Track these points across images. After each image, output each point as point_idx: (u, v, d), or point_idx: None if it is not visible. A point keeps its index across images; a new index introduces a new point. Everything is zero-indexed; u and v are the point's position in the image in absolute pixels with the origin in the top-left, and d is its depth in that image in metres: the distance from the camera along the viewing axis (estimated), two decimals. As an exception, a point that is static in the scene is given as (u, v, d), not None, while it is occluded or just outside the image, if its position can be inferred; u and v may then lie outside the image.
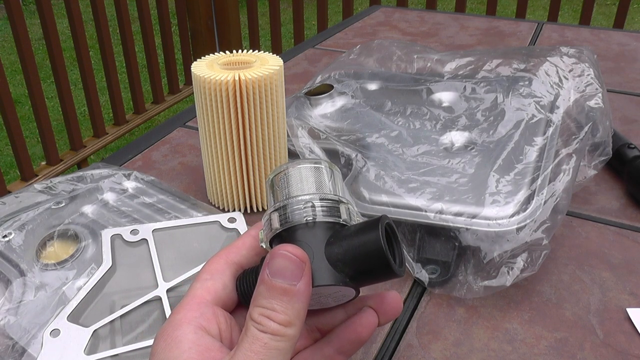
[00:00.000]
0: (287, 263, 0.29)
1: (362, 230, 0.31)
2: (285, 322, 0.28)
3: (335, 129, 0.62)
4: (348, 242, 0.31)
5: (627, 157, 0.61)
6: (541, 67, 0.67)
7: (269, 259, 0.30)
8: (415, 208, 0.49)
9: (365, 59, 0.76)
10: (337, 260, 0.31)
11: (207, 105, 0.52)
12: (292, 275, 0.29)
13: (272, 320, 0.28)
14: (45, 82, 2.77)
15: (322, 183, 0.34)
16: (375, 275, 0.32)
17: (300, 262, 0.29)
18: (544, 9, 3.64)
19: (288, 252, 0.29)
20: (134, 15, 2.10)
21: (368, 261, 0.31)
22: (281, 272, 0.29)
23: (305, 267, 0.29)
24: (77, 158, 1.93)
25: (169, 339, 0.30)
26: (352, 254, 0.31)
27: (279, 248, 0.29)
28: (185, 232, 0.50)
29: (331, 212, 0.32)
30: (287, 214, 0.32)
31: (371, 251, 0.31)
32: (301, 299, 0.29)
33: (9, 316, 0.42)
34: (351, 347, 0.34)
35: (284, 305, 0.28)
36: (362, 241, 0.31)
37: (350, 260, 0.31)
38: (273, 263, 0.29)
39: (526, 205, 0.48)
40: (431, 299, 0.48)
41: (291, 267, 0.29)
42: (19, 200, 0.54)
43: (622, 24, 1.86)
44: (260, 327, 0.28)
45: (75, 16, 1.81)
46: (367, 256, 0.31)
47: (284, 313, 0.28)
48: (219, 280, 0.33)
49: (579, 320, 0.46)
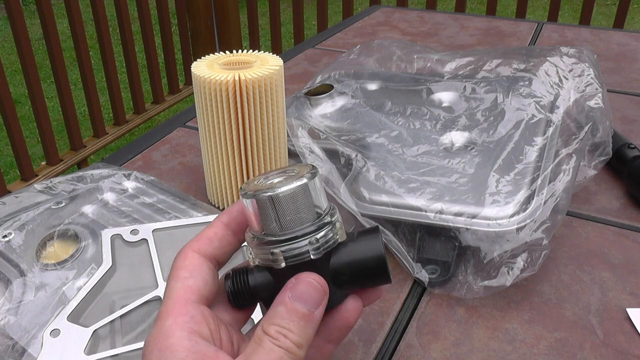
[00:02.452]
0: (312, 291, 0.31)
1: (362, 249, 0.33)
2: (299, 344, 0.30)
3: (335, 129, 0.62)
4: (350, 264, 0.33)
5: (627, 157, 0.61)
6: (541, 67, 0.67)
7: (293, 283, 0.31)
8: (415, 208, 0.49)
9: (365, 59, 0.76)
10: (342, 282, 0.33)
11: (207, 105, 0.52)
12: (313, 303, 0.31)
13: (288, 339, 0.30)
14: (45, 82, 2.77)
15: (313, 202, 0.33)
16: (373, 284, 0.34)
17: (323, 292, 0.31)
18: (544, 9, 3.64)
19: (315, 281, 0.31)
20: (134, 15, 2.10)
21: (369, 275, 0.33)
22: (304, 299, 0.31)
23: (326, 297, 0.32)
24: (77, 158, 1.93)
25: (163, 348, 0.29)
26: (356, 274, 0.33)
27: (306, 275, 0.31)
28: (185, 232, 0.50)
29: (331, 240, 0.33)
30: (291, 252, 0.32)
31: (373, 268, 0.33)
32: (315, 326, 0.31)
33: (9, 316, 0.42)
34: (339, 333, 0.35)
35: (300, 329, 0.30)
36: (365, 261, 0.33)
37: (355, 279, 0.33)
38: (298, 288, 0.31)
39: (526, 205, 0.48)
40: (431, 299, 0.48)
41: (315, 296, 0.31)
42: (19, 200, 0.54)
43: (622, 24, 1.86)
44: (277, 343, 0.30)
45: (75, 16, 1.81)
46: (369, 272, 0.33)
47: (299, 336, 0.30)
48: (199, 277, 0.32)
49: (579, 320, 0.46)
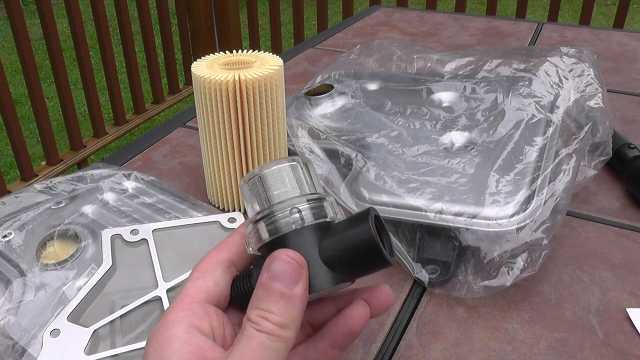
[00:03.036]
0: (286, 267, 0.30)
1: (353, 226, 0.32)
2: (281, 324, 0.29)
3: (335, 129, 0.62)
4: (340, 241, 0.32)
5: (627, 157, 0.61)
6: (541, 67, 0.66)
7: (268, 262, 0.30)
8: (415, 208, 0.49)
9: (365, 59, 0.76)
10: (333, 262, 0.31)
11: (207, 105, 0.52)
12: (290, 279, 0.30)
13: (269, 321, 0.29)
14: (45, 82, 2.77)
15: (301, 181, 0.33)
16: (370, 267, 0.32)
17: (298, 266, 0.30)
18: (544, 9, 3.64)
19: (288, 257, 0.30)
20: (134, 15, 2.10)
21: (362, 256, 0.32)
22: (280, 276, 0.30)
23: (303, 272, 0.30)
24: (77, 158, 1.93)
25: (160, 338, 0.30)
26: (347, 252, 0.31)
27: (279, 252, 0.30)
28: (185, 232, 0.50)
29: (317, 213, 0.32)
30: (274, 223, 0.32)
31: (365, 246, 0.31)
32: (297, 303, 0.30)
33: (9, 316, 0.42)
34: (344, 340, 0.34)
35: (281, 308, 0.29)
36: (355, 238, 0.31)
37: (346, 258, 0.31)
38: (272, 267, 0.30)
39: (526, 205, 0.48)
40: (431, 299, 0.48)
41: (290, 271, 0.30)
42: (19, 200, 0.54)
43: (622, 24, 1.86)
44: (257, 327, 0.29)
45: (75, 16, 1.81)
46: (361, 251, 0.31)
47: (280, 315, 0.29)
48: (210, 278, 0.33)
49: (579, 320, 0.46)
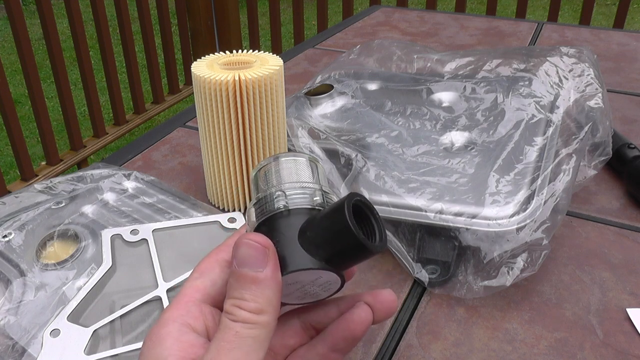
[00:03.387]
0: (251, 251, 0.29)
1: (331, 211, 0.31)
2: (256, 309, 0.28)
3: (335, 129, 0.62)
4: (319, 225, 0.31)
5: (627, 157, 0.61)
6: (541, 67, 0.66)
7: (234, 249, 0.29)
8: (415, 208, 0.49)
9: (365, 59, 0.76)
10: (309, 244, 0.30)
11: (207, 105, 0.52)
12: (257, 263, 0.29)
13: (243, 309, 0.28)
14: (45, 82, 2.77)
15: (300, 174, 0.34)
16: (351, 255, 0.31)
17: (262, 248, 0.29)
18: (544, 9, 3.63)
19: (250, 240, 0.29)
20: (134, 15, 2.10)
21: (339, 241, 0.30)
22: (246, 261, 0.29)
23: (270, 253, 0.29)
24: (77, 158, 1.93)
25: (154, 337, 0.30)
26: (323, 235, 0.30)
27: (242, 237, 0.29)
28: (185, 232, 0.50)
29: (304, 198, 0.32)
30: (262, 206, 0.32)
31: (340, 229, 0.30)
32: (270, 285, 0.29)
33: (9, 316, 0.42)
34: (345, 344, 0.34)
35: (253, 293, 0.29)
36: (331, 221, 0.30)
37: (322, 241, 0.30)
38: (238, 253, 0.29)
39: (526, 205, 0.48)
40: (431, 299, 0.48)
41: (255, 254, 0.29)
42: (19, 200, 0.54)
43: (622, 24, 1.86)
44: (231, 317, 0.28)
45: (75, 16, 1.81)
46: (337, 235, 0.30)
47: (253, 301, 0.28)
48: (207, 277, 0.33)
49: (579, 320, 0.46)
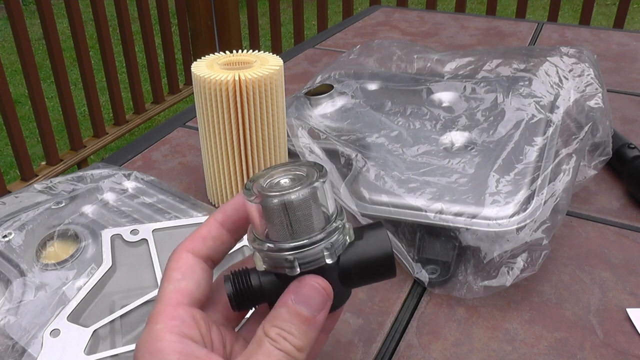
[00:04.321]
0: (316, 295, 0.30)
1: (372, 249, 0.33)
2: (299, 347, 0.30)
3: (335, 129, 0.62)
4: (361, 264, 0.32)
5: (627, 157, 0.61)
6: (541, 67, 0.67)
7: (297, 286, 0.31)
8: (415, 208, 0.49)
9: (365, 59, 0.76)
10: (351, 282, 0.33)
11: (207, 105, 0.52)
12: (317, 307, 0.30)
13: (288, 342, 0.29)
14: (45, 82, 2.77)
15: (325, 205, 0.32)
16: (378, 279, 0.34)
17: (327, 296, 0.31)
18: (544, 9, 3.63)
19: (319, 285, 0.31)
20: (134, 15, 2.10)
21: (376, 269, 0.33)
22: (307, 302, 0.30)
23: (329, 302, 0.31)
24: (77, 158, 1.93)
25: (153, 351, 0.29)
26: (363, 267, 0.32)
27: (309, 278, 0.31)
28: (185, 232, 0.50)
29: (342, 242, 0.32)
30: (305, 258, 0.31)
31: (381, 260, 0.32)
32: (317, 329, 0.31)
33: (9, 316, 0.42)
34: (329, 322, 0.34)
35: (302, 332, 0.30)
36: (372, 252, 0.33)
37: (360, 272, 0.33)
38: (302, 292, 0.30)
39: (526, 205, 0.48)
40: (431, 299, 0.48)
41: (318, 299, 0.30)
42: (19, 200, 0.54)
43: (622, 24, 1.86)
44: (276, 345, 0.29)
45: (75, 16, 1.81)
46: (376, 265, 0.33)
47: (300, 339, 0.30)
48: (192, 279, 0.32)
49: (579, 320, 0.46)
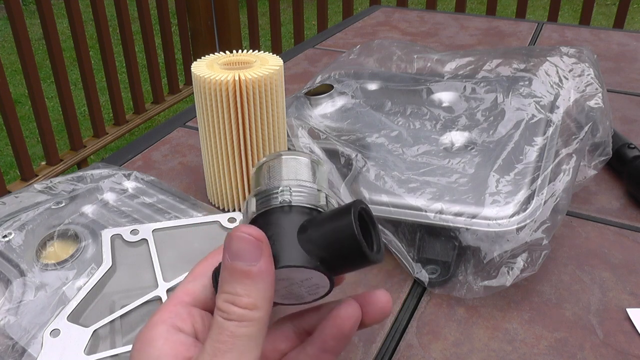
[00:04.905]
0: (244, 244, 0.28)
1: (336, 214, 0.31)
2: (251, 304, 0.28)
3: (335, 129, 0.62)
4: (321, 225, 0.30)
5: (627, 157, 0.61)
6: (541, 67, 0.66)
7: (227, 241, 0.29)
8: (415, 208, 0.49)
9: (365, 59, 0.76)
10: (308, 243, 0.30)
11: (207, 105, 0.52)
12: (250, 256, 0.28)
13: (237, 305, 0.28)
14: (45, 82, 2.77)
15: (302, 173, 0.34)
16: (349, 262, 0.30)
17: (256, 241, 0.28)
18: (544, 9, 3.63)
19: (244, 233, 0.28)
20: (134, 15, 2.10)
21: (340, 245, 0.30)
22: (239, 254, 0.28)
23: (264, 246, 0.28)
24: (77, 158, 1.93)
25: (143, 339, 0.30)
26: (324, 237, 0.30)
27: (235, 230, 0.29)
28: (185, 232, 0.50)
29: (308, 198, 0.32)
30: (264, 198, 0.32)
31: (344, 235, 0.29)
32: (264, 279, 0.28)
33: (9, 316, 0.42)
34: (335, 343, 0.32)
35: (247, 288, 0.28)
36: (335, 224, 0.30)
37: (322, 243, 0.30)
38: (231, 246, 0.28)
39: (526, 205, 0.48)
40: (431, 299, 0.48)
41: (248, 248, 0.28)
42: (19, 200, 0.54)
43: (622, 24, 1.86)
44: (225, 315, 0.28)
45: (75, 16, 1.81)
46: (340, 240, 0.30)
47: (247, 296, 0.28)
48: (200, 282, 0.32)
49: (579, 320, 0.46)
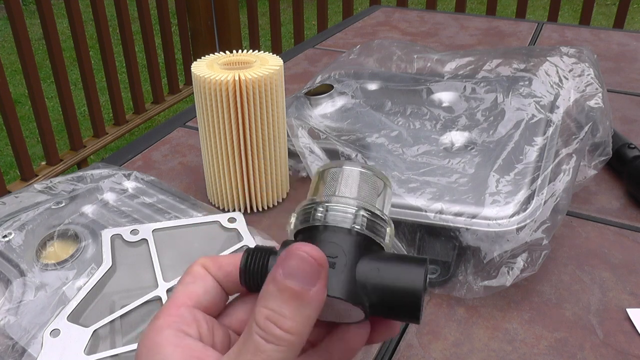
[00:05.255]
0: (304, 265, 0.27)
1: (403, 266, 0.29)
2: (294, 330, 0.26)
3: (335, 129, 0.62)
4: (385, 269, 0.29)
5: (627, 157, 0.61)
6: (541, 67, 0.66)
7: (284, 256, 0.27)
8: (415, 208, 0.49)
9: (365, 59, 0.76)
10: (366, 281, 0.29)
11: (207, 105, 0.52)
12: (307, 280, 0.27)
13: (279, 326, 0.26)
14: (45, 82, 2.77)
15: (374, 195, 0.32)
16: (397, 314, 0.29)
17: (318, 265, 0.27)
18: (544, 9, 3.63)
19: (306, 253, 0.27)
20: (134, 15, 2.10)
21: (399, 298, 0.29)
22: (296, 274, 0.26)
23: (322, 272, 0.27)
24: (77, 158, 1.93)
25: (150, 345, 0.29)
26: (384, 284, 0.29)
27: (297, 247, 0.27)
28: (185, 232, 0.50)
29: (377, 230, 0.30)
30: (334, 211, 0.30)
31: (407, 290, 0.29)
32: (313, 306, 0.27)
33: (9, 316, 0.42)
34: (341, 356, 0.32)
35: (294, 311, 0.26)
36: (402, 275, 0.29)
37: (381, 288, 0.29)
38: (288, 263, 0.27)
39: (526, 205, 0.48)
40: (431, 299, 0.48)
41: (308, 270, 0.27)
42: (19, 200, 0.54)
43: (622, 24, 1.86)
44: (264, 335, 0.26)
45: (75, 16, 1.81)
46: (401, 293, 0.29)
47: (292, 319, 0.26)
48: (201, 285, 0.32)
49: (579, 320, 0.46)
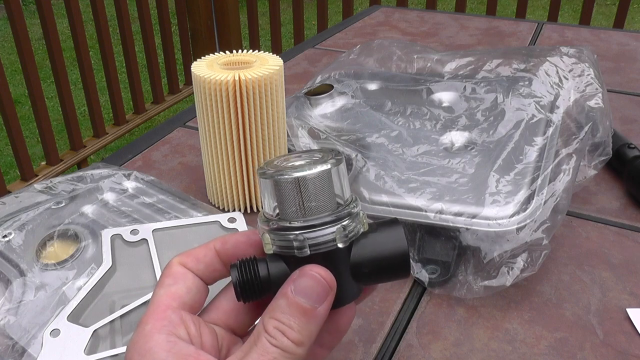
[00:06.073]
0: (315, 285, 0.29)
1: (385, 230, 0.32)
2: (298, 341, 0.29)
3: (335, 129, 0.62)
4: (371, 244, 0.31)
5: (627, 157, 0.61)
6: (541, 67, 0.66)
7: (296, 275, 0.30)
8: (415, 208, 0.49)
9: (365, 59, 0.76)
10: (362, 276, 0.32)
11: (207, 105, 0.52)
12: (316, 298, 0.29)
13: (287, 337, 0.29)
14: (45, 82, 2.77)
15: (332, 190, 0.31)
16: (392, 277, 0.32)
17: (328, 287, 0.30)
18: (544, 9, 3.64)
19: (319, 275, 0.30)
20: (134, 15, 2.10)
21: (390, 260, 0.31)
22: (306, 292, 0.29)
23: (331, 294, 0.30)
24: (77, 158, 1.93)
25: (142, 351, 0.29)
26: (377, 264, 0.31)
27: (310, 268, 0.30)
28: (185, 232, 0.50)
29: (354, 230, 0.31)
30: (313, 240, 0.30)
31: (397, 251, 0.31)
32: (318, 322, 0.30)
33: (9, 316, 0.42)
34: (330, 338, 0.34)
35: (301, 325, 0.29)
36: (388, 241, 0.31)
37: (374, 269, 0.31)
38: (300, 281, 0.30)
39: (526, 205, 0.48)
40: (431, 299, 0.48)
41: (318, 290, 0.29)
42: (19, 200, 0.54)
43: (622, 24, 1.86)
44: (272, 341, 0.29)
45: (75, 16, 1.81)
46: (392, 256, 0.31)
47: (299, 332, 0.29)
48: (183, 285, 0.32)
49: (579, 320, 0.46)
